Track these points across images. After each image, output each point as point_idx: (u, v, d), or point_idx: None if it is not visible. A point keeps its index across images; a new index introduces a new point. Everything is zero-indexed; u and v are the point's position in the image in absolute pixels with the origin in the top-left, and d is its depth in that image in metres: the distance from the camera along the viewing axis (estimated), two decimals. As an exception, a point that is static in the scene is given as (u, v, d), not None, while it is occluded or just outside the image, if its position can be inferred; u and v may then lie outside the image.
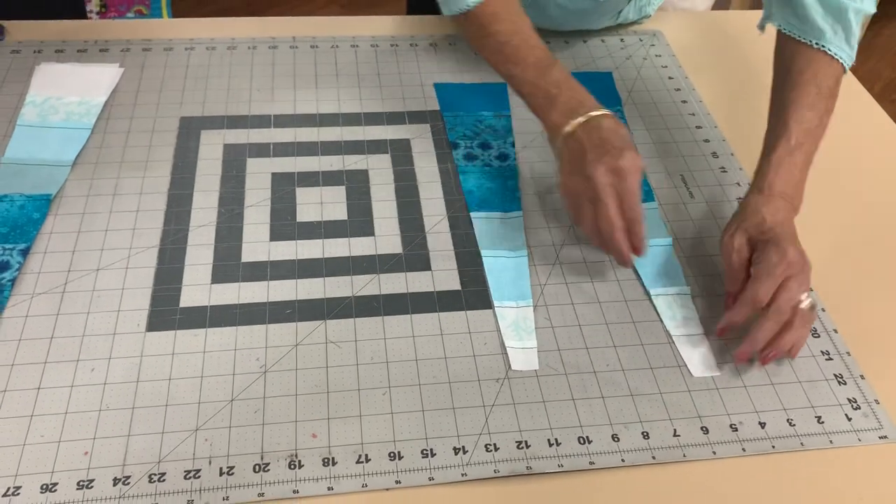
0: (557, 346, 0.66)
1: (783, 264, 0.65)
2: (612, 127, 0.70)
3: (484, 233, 0.75)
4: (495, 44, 0.77)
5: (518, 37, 0.76)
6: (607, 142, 0.68)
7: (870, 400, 0.64)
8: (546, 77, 0.74)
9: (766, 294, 0.64)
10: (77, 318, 0.65)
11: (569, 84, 0.73)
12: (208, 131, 0.84)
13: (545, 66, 0.74)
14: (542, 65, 0.74)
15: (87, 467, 0.56)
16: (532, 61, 0.74)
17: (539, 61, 0.74)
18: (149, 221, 0.74)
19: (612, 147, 0.68)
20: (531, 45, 0.75)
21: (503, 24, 0.76)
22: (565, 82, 0.73)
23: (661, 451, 0.60)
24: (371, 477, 0.57)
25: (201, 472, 0.56)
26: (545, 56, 0.75)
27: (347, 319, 0.67)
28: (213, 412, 0.60)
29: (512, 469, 0.58)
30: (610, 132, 0.69)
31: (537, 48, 0.75)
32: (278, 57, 0.95)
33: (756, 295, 0.64)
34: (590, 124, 0.70)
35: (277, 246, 0.72)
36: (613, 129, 0.69)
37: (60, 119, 0.83)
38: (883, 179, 0.86)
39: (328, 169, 0.81)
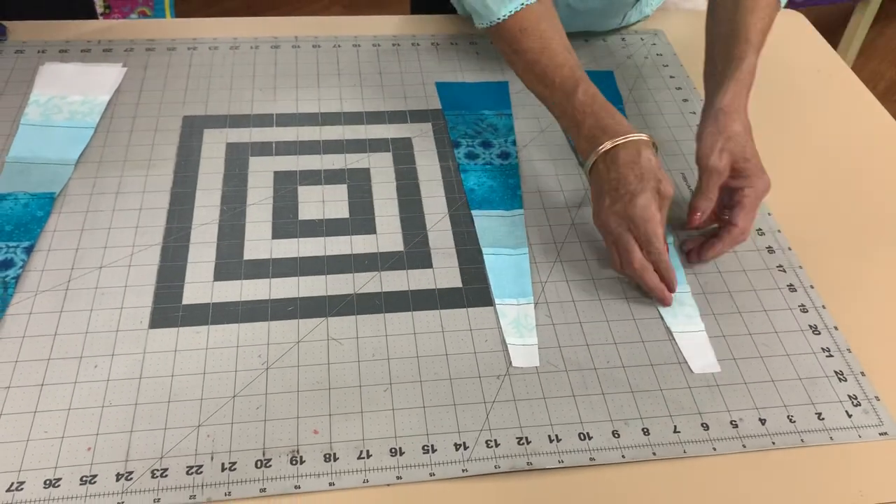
0: (558, 342, 0.67)
1: (761, 198, 0.71)
2: (629, 160, 0.68)
3: (485, 230, 0.76)
4: (525, 63, 0.76)
5: (546, 55, 0.75)
6: (622, 182, 0.68)
7: (870, 396, 0.64)
8: (571, 100, 0.73)
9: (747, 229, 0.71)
10: (80, 315, 0.66)
11: (593, 107, 0.72)
12: (211, 130, 0.84)
13: (570, 87, 0.73)
14: (568, 87, 0.73)
15: (90, 462, 0.56)
16: (559, 83, 0.74)
17: (564, 82, 0.74)
18: (152, 219, 0.74)
19: (626, 190, 0.68)
20: (557, 63, 0.74)
21: (532, 40, 0.75)
22: (590, 105, 0.72)
23: (662, 448, 0.60)
24: (372, 472, 0.57)
25: (203, 468, 0.57)
26: (571, 76, 0.74)
27: (349, 316, 0.67)
28: (216, 408, 0.60)
29: (512, 465, 0.58)
30: (626, 168, 0.68)
31: (564, 67, 0.74)
32: (280, 56, 0.95)
33: (747, 229, 0.70)
34: (608, 157, 0.70)
35: (279, 244, 0.73)
36: (631, 163, 0.68)
37: (64, 118, 0.83)
38: (885, 179, 0.86)
39: (330, 167, 0.81)
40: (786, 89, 0.97)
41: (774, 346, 0.68)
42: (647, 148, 0.69)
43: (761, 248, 0.76)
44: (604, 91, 0.93)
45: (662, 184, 0.68)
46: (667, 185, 0.68)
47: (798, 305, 0.71)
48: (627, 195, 0.67)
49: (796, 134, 0.90)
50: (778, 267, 0.74)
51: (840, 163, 0.87)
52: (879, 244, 0.78)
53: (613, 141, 0.69)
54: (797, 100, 0.95)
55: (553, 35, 0.76)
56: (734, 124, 0.71)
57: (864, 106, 0.96)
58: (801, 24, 1.09)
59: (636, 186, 0.67)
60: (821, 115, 0.94)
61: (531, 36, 0.75)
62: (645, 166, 0.68)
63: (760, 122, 0.77)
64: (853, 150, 0.89)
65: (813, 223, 0.80)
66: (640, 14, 1.03)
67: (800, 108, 0.94)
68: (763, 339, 0.68)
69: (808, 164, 0.86)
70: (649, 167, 0.68)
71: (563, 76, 0.74)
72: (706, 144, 0.71)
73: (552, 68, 0.74)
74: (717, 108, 0.72)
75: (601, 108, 0.72)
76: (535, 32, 0.75)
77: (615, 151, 0.69)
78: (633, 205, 0.67)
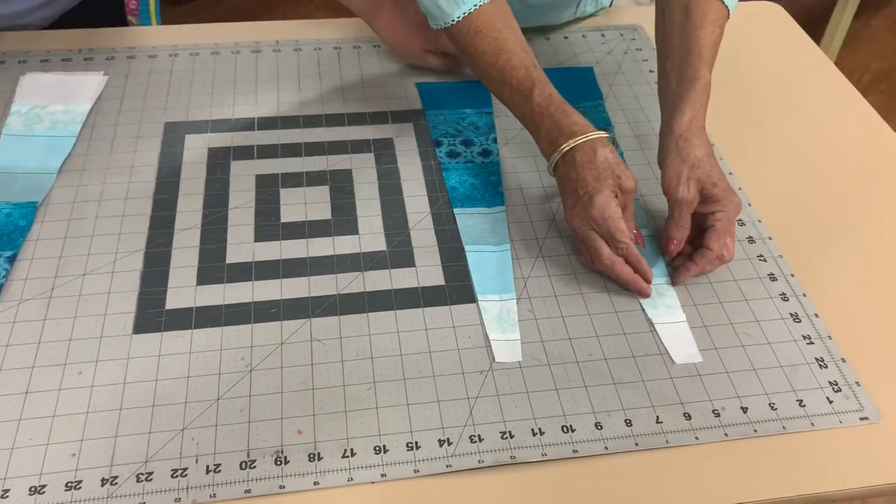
0: (541, 337, 0.67)
1: (734, 220, 0.71)
2: (585, 160, 0.69)
3: (467, 228, 0.76)
4: (482, 66, 0.76)
5: (502, 57, 0.74)
6: (581, 183, 0.68)
7: (850, 382, 0.65)
8: (529, 103, 0.73)
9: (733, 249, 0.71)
10: (64, 322, 0.66)
11: (549, 109, 0.72)
12: (193, 135, 0.85)
13: (527, 90, 0.73)
14: (524, 89, 0.73)
15: (75, 468, 0.57)
16: (515, 85, 0.73)
17: (520, 84, 0.73)
18: (134, 226, 0.74)
19: (585, 191, 0.68)
20: (513, 65, 0.74)
21: (487, 42, 0.75)
22: (546, 107, 0.72)
23: (644, 438, 0.61)
24: (357, 471, 0.58)
25: (188, 471, 0.57)
26: (527, 78, 0.73)
27: (332, 317, 0.68)
28: (200, 411, 0.61)
29: (496, 459, 0.59)
30: (583, 168, 0.69)
31: (519, 69, 0.73)
32: (262, 61, 0.95)
33: (727, 251, 0.70)
34: (567, 158, 0.70)
35: (262, 247, 0.73)
36: (587, 163, 0.68)
37: (46, 128, 0.84)
38: (863, 167, 0.86)
39: (312, 169, 0.81)
40: (763, 80, 0.97)
41: (756, 335, 0.68)
42: (603, 145, 0.69)
43: (742, 238, 0.77)
44: (584, 87, 0.95)
45: (622, 179, 0.68)
46: (626, 179, 0.68)
47: (779, 294, 0.72)
48: (586, 196, 0.68)
49: (774, 124, 0.91)
50: (759, 256, 0.75)
51: (818, 152, 0.88)
52: (859, 232, 0.79)
53: (569, 143, 0.70)
54: (775, 90, 0.96)
55: (508, 36, 0.75)
56: (696, 150, 0.71)
57: (843, 96, 0.97)
58: (779, 15, 1.10)
59: (593, 186, 0.68)
60: (799, 105, 0.94)
61: (486, 38, 0.75)
62: (601, 164, 0.68)
63: (738, 112, 0.78)
64: (832, 139, 0.90)
65: (793, 212, 0.80)
66: (597, 5, 1.04)
67: (778, 99, 0.95)
68: (744, 328, 0.69)
69: (786, 154, 0.87)
70: (605, 165, 0.68)
71: (518, 78, 0.73)
72: (671, 175, 0.70)
73: (508, 71, 0.73)
74: (676, 134, 0.72)
75: (557, 109, 0.71)
76: (489, 34, 0.75)
77: (572, 153, 0.69)
78: (591, 205, 0.67)
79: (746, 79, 0.97)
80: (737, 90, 0.95)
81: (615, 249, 0.69)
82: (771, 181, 0.83)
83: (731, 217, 0.70)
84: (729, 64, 0.99)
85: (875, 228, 0.79)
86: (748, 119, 0.91)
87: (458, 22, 0.75)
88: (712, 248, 0.70)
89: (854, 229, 0.79)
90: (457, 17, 0.75)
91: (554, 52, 1.00)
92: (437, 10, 0.76)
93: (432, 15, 0.77)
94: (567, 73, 0.97)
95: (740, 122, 0.91)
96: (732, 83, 0.96)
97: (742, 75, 0.98)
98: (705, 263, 0.70)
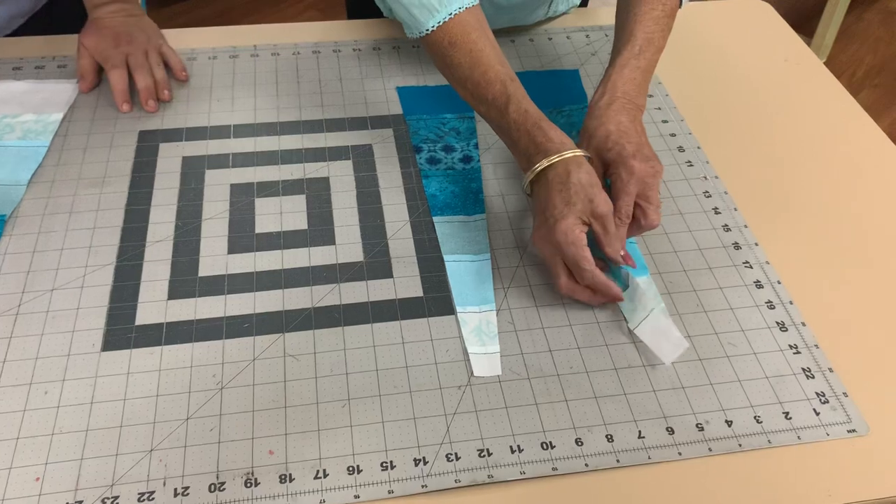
0: (521, 349, 0.65)
1: (633, 180, 0.67)
2: (557, 182, 0.66)
3: (447, 237, 0.74)
4: (457, 79, 0.74)
5: (477, 70, 0.72)
6: (549, 206, 0.66)
7: (838, 393, 0.63)
8: (505, 118, 0.70)
9: (629, 208, 0.67)
10: (31, 340, 0.64)
11: (525, 125, 0.69)
12: (167, 144, 0.83)
13: (503, 104, 0.70)
14: (500, 104, 0.71)
15: (38, 493, 0.55)
16: (491, 99, 0.71)
17: (496, 99, 0.71)
18: (105, 238, 0.73)
19: (551, 214, 0.66)
20: (488, 79, 0.71)
21: (462, 54, 0.72)
22: (522, 123, 0.69)
23: (626, 454, 0.59)
24: (329, 492, 0.56)
25: (155, 494, 0.55)
26: (503, 92, 0.71)
27: (307, 331, 0.66)
28: (168, 432, 0.59)
29: (473, 478, 0.57)
30: (554, 190, 0.66)
31: (495, 83, 0.71)
32: (238, 66, 0.94)
33: (621, 212, 0.67)
34: (541, 178, 0.68)
35: (235, 259, 0.71)
36: (559, 185, 0.66)
37: (16, 138, 0.82)
38: (853, 169, 0.85)
39: (288, 178, 0.80)
40: (751, 80, 0.96)
41: (741, 345, 0.67)
42: (578, 166, 0.66)
43: (728, 244, 0.75)
44: (569, 90, 0.93)
45: (594, 203, 0.65)
46: (600, 204, 0.65)
47: (765, 302, 0.70)
48: (552, 219, 0.65)
49: (762, 125, 0.89)
50: (745, 263, 0.73)
51: (807, 153, 0.86)
52: (847, 238, 0.77)
53: (541, 162, 0.67)
54: (763, 90, 0.94)
55: (483, 47, 0.72)
56: (592, 121, 0.71)
57: (831, 94, 0.95)
58: (768, 13, 1.08)
59: (560, 211, 0.65)
60: (787, 104, 0.92)
61: (461, 49, 0.72)
62: (573, 187, 0.65)
63: (724, 113, 0.76)
64: (820, 140, 0.88)
65: (779, 217, 0.78)
66: (568, 3, 1.02)
67: (765, 99, 0.93)
68: (729, 337, 0.67)
69: (774, 156, 0.85)
70: (579, 187, 0.65)
71: (494, 93, 0.71)
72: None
73: (484, 84, 0.71)
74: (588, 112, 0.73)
75: (534, 126, 0.69)
76: (464, 46, 0.72)
77: (545, 172, 0.67)
78: (556, 230, 0.65)
79: (733, 78, 0.95)
80: (724, 90, 0.94)
81: (580, 277, 0.66)
82: (758, 184, 0.81)
83: (623, 179, 0.67)
84: (715, 63, 0.98)
85: (865, 233, 0.77)
86: (735, 120, 0.89)
87: (432, 32, 0.73)
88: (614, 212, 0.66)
89: (844, 234, 0.77)
90: (430, 26, 0.73)
91: (537, 53, 0.98)
92: (411, 18, 0.74)
93: (406, 24, 0.75)
94: (552, 76, 0.95)
95: (727, 122, 0.89)
96: (719, 83, 0.95)
97: (729, 74, 0.96)
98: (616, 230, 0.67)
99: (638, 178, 0.67)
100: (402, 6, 0.74)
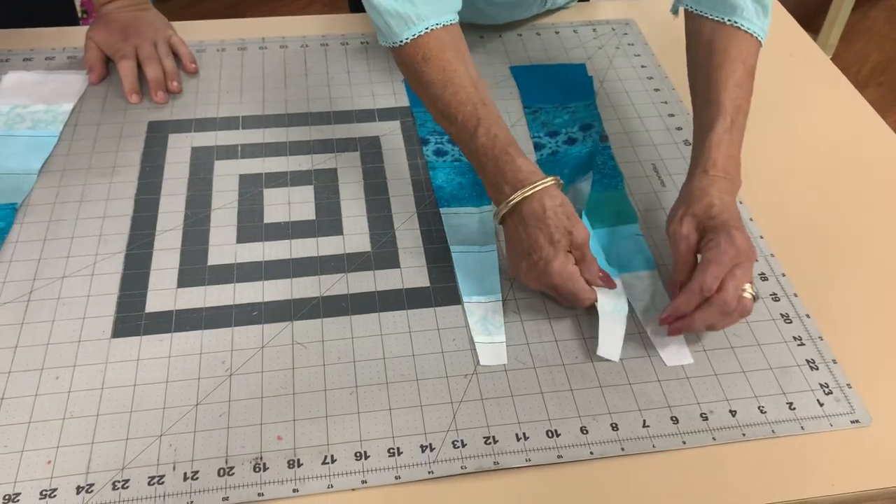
0: (526, 339, 0.66)
1: (732, 251, 0.63)
2: (536, 218, 0.64)
3: (453, 228, 0.75)
4: (428, 97, 0.70)
5: (449, 90, 0.68)
6: (535, 247, 0.64)
7: (842, 384, 0.64)
8: (474, 141, 0.67)
9: (715, 282, 0.63)
10: (42, 326, 0.65)
11: (494, 150, 0.66)
12: (176, 135, 0.84)
13: (472, 127, 0.68)
14: (469, 126, 0.68)
15: (50, 476, 0.56)
16: (461, 121, 0.68)
17: (466, 121, 0.68)
18: (115, 227, 0.73)
19: (540, 256, 0.64)
20: (460, 100, 0.68)
21: (435, 71, 0.69)
22: (491, 148, 0.67)
23: (630, 443, 0.60)
24: (337, 478, 0.57)
25: (165, 478, 0.56)
26: (472, 115, 0.68)
27: (314, 320, 0.67)
28: (178, 417, 0.60)
29: (479, 465, 0.58)
30: (535, 228, 0.64)
31: (466, 104, 0.68)
32: (247, 58, 0.94)
33: (705, 283, 0.62)
34: (515, 213, 0.66)
35: (244, 248, 0.72)
36: (538, 222, 0.64)
37: (27, 127, 0.83)
38: (858, 165, 0.85)
39: (296, 169, 0.80)
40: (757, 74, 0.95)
41: (745, 337, 0.67)
42: (552, 197, 0.64)
43: (733, 237, 0.75)
44: (575, 84, 0.93)
45: (574, 234, 0.64)
46: (578, 234, 0.64)
47: (770, 294, 0.71)
48: (542, 262, 0.64)
49: (767, 121, 0.89)
50: (749, 256, 0.74)
51: (812, 149, 0.86)
52: (852, 230, 0.77)
53: (514, 196, 0.65)
54: (769, 85, 0.94)
55: (457, 67, 0.69)
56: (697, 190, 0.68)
57: (838, 90, 0.95)
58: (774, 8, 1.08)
59: (548, 251, 0.64)
60: (794, 100, 0.93)
61: (434, 67, 0.69)
62: (552, 223, 0.64)
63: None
64: (826, 136, 0.88)
65: (784, 210, 0.79)
66: None
67: (772, 93, 0.93)
68: (734, 329, 0.67)
69: (779, 151, 0.86)
70: (556, 222, 0.64)
71: (465, 115, 0.68)
72: (670, 215, 0.69)
73: (455, 105, 0.68)
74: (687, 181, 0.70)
75: (502, 152, 0.66)
76: (438, 63, 0.69)
77: (520, 207, 0.65)
78: (549, 272, 0.64)
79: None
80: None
81: (580, 304, 0.66)
82: (762, 178, 0.82)
83: (722, 248, 0.63)
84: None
85: (869, 227, 0.78)
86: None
87: (406, 44, 0.70)
88: (694, 280, 0.64)
89: (847, 228, 0.78)
90: (405, 38, 0.70)
91: (544, 47, 0.98)
92: (387, 28, 0.70)
93: (381, 32, 0.72)
94: (558, 70, 0.95)
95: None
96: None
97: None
98: (685, 299, 0.64)
99: (737, 251, 0.63)
100: (378, 14, 0.70)
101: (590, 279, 0.66)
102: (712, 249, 0.64)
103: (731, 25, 0.74)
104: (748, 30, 0.74)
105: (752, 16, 0.74)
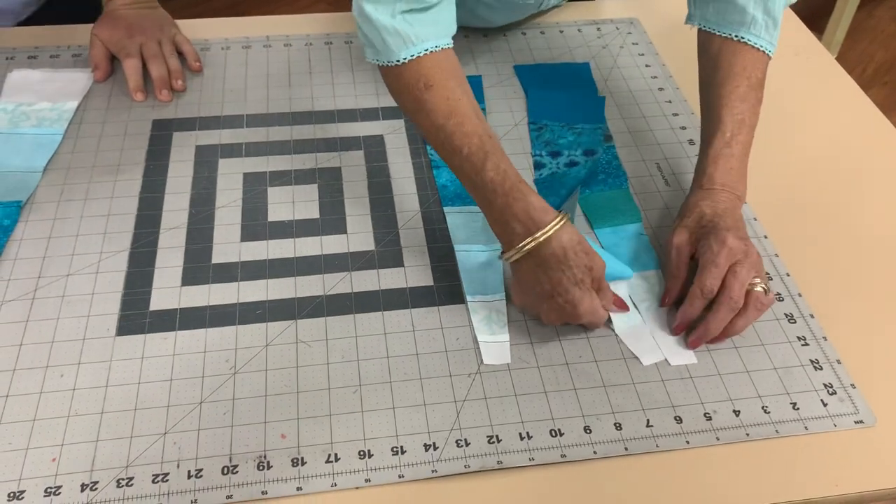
0: (530, 338, 0.66)
1: (725, 251, 0.64)
2: (557, 262, 0.62)
3: (457, 227, 0.75)
4: (429, 125, 0.67)
5: (453, 120, 0.66)
6: (558, 290, 0.63)
7: (846, 384, 0.64)
8: (481, 175, 0.65)
9: (714, 283, 0.64)
10: (47, 324, 0.65)
11: (504, 186, 0.64)
12: (180, 133, 0.84)
13: (479, 161, 0.65)
14: (477, 160, 0.65)
15: (54, 474, 0.56)
16: (466, 153, 0.65)
17: (473, 154, 0.65)
18: (120, 225, 0.74)
19: (566, 300, 0.63)
20: (465, 131, 0.65)
21: (439, 100, 0.66)
22: (501, 184, 0.64)
23: (634, 442, 0.59)
24: (340, 476, 0.57)
25: (169, 476, 0.56)
26: (480, 148, 0.65)
27: (318, 318, 0.67)
28: (182, 415, 0.60)
29: (482, 464, 0.58)
30: (557, 272, 0.62)
31: (473, 136, 0.65)
32: (252, 56, 0.94)
33: (704, 285, 0.64)
34: (531, 257, 0.63)
35: (248, 246, 0.72)
36: (559, 265, 0.62)
37: (32, 125, 0.83)
38: (863, 164, 0.85)
39: (301, 167, 0.80)
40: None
41: (749, 336, 0.67)
42: (569, 235, 0.62)
43: (737, 236, 0.75)
44: (580, 83, 0.93)
45: (593, 269, 0.63)
46: (597, 268, 0.63)
47: (774, 294, 0.70)
48: (569, 305, 0.62)
49: (771, 120, 0.89)
50: (754, 255, 0.74)
51: (817, 148, 0.86)
52: (857, 230, 0.77)
53: (527, 241, 0.63)
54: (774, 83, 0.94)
55: (461, 97, 0.67)
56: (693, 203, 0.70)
57: (842, 89, 0.95)
58: (780, 8, 1.08)
59: (575, 294, 0.62)
60: (798, 99, 0.93)
61: (438, 95, 0.66)
62: (574, 264, 0.62)
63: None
64: (831, 135, 0.88)
65: (788, 210, 0.79)
66: None
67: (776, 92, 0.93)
68: (738, 329, 0.67)
69: (783, 150, 0.86)
70: (576, 260, 0.62)
71: (471, 147, 0.65)
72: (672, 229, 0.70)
73: (459, 136, 0.65)
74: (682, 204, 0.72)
75: (512, 188, 0.63)
76: (442, 91, 0.66)
77: (537, 251, 0.62)
78: (580, 315, 0.63)
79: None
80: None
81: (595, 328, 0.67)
82: (766, 177, 0.81)
83: (714, 249, 0.65)
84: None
85: (873, 226, 0.78)
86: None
87: (404, 65, 0.67)
88: (694, 284, 0.65)
89: (852, 227, 0.77)
90: (403, 58, 0.67)
91: (548, 46, 0.98)
92: (383, 45, 0.67)
93: (374, 49, 0.69)
94: (563, 69, 0.95)
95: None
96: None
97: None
98: (689, 304, 0.65)
99: (730, 250, 0.64)
100: (375, 30, 0.67)
101: (605, 305, 0.65)
102: (705, 253, 0.65)
103: (738, 41, 0.74)
104: (755, 45, 0.74)
105: (762, 30, 0.74)
